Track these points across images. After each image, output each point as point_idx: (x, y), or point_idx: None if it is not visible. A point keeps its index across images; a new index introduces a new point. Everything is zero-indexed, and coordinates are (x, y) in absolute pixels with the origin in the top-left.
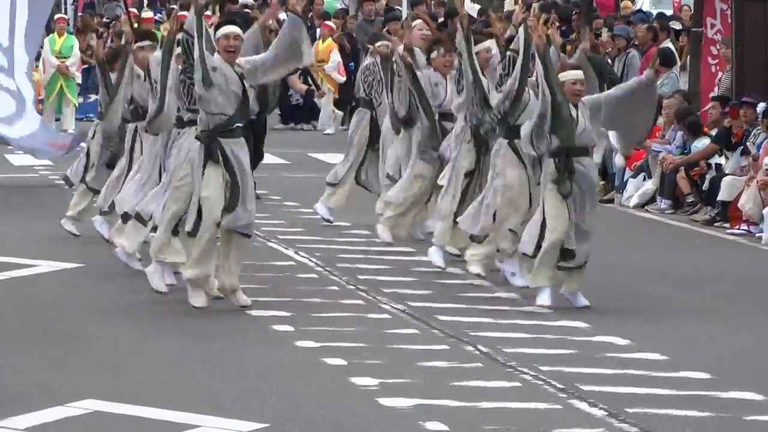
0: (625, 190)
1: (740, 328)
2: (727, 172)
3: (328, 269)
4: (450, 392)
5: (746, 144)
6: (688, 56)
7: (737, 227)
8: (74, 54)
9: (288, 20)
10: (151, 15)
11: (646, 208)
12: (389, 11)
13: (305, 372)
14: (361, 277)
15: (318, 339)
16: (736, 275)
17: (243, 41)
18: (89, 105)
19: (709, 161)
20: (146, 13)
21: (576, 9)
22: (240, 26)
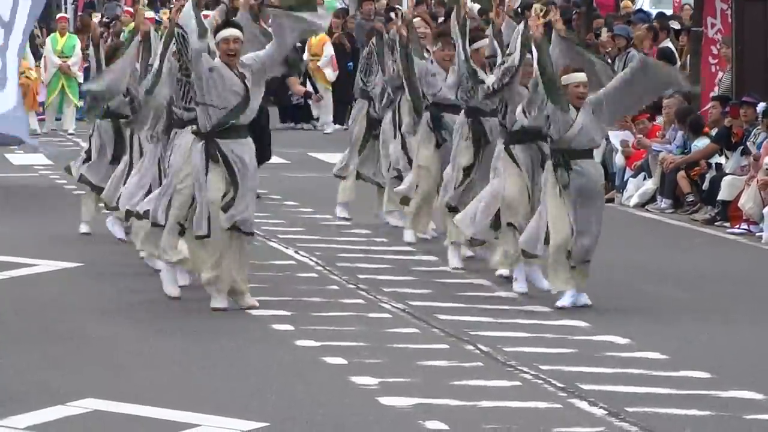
0: (626, 190)
1: (740, 328)
2: (728, 172)
3: (328, 268)
4: (450, 391)
5: (746, 143)
6: (688, 56)
7: (737, 227)
8: (76, 53)
9: (272, 20)
10: (152, 15)
11: (647, 208)
12: (390, 11)
13: (305, 371)
14: (361, 277)
15: (318, 338)
16: (737, 275)
17: (243, 43)
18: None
19: (710, 161)
20: (148, 13)
21: (576, 9)
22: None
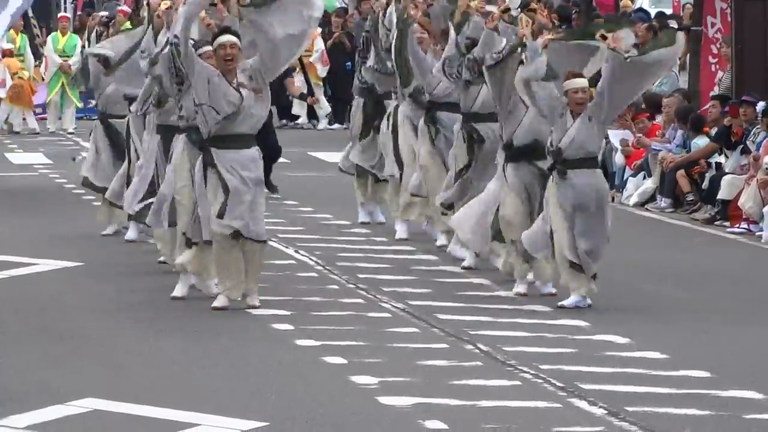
0: (625, 189)
1: (740, 327)
2: (727, 171)
3: (328, 268)
4: (450, 391)
5: (746, 143)
6: (688, 55)
7: (737, 226)
8: (77, 53)
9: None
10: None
11: (646, 207)
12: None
13: (305, 371)
14: (361, 276)
15: (318, 338)
16: (736, 274)
17: (241, 50)
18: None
19: (709, 160)
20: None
21: (576, 8)
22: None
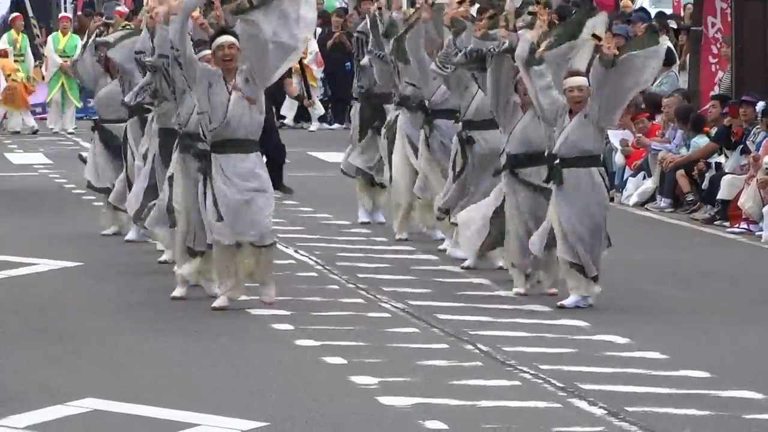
0: (625, 189)
1: (740, 327)
2: (727, 171)
3: (328, 268)
4: (449, 391)
5: (746, 143)
6: (688, 55)
7: (737, 226)
8: (77, 53)
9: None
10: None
11: (646, 207)
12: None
13: (305, 371)
14: (361, 276)
15: (318, 338)
16: (736, 274)
17: (239, 50)
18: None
19: (709, 160)
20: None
21: (576, 8)
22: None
